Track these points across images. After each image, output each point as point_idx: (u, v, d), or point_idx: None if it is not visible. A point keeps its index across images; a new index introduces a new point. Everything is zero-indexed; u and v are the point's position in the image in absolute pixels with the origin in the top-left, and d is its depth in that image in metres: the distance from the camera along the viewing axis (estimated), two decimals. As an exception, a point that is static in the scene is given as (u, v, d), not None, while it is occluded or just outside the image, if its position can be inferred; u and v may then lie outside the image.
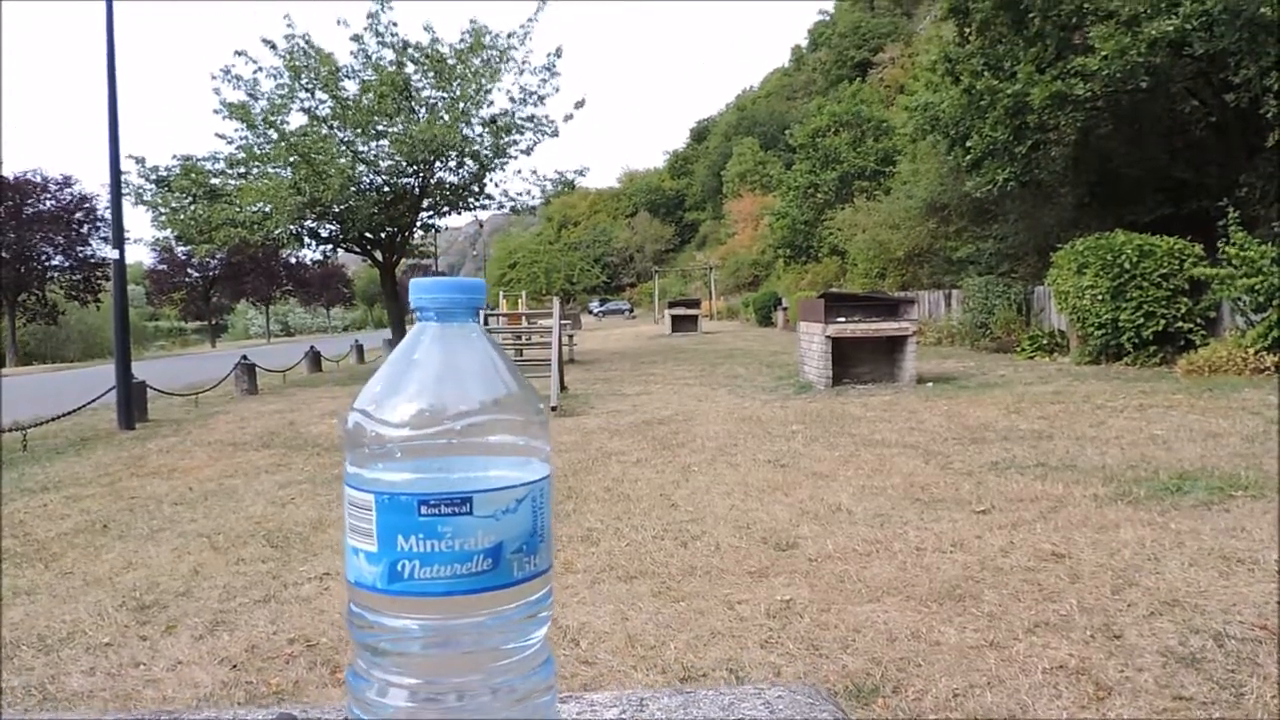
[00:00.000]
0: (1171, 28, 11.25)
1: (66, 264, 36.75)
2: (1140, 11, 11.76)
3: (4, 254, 33.69)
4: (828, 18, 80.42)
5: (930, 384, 10.39)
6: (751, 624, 3.15)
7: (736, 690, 0.91)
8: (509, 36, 17.49)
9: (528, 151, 18.43)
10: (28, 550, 4.79)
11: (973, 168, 15.82)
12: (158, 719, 0.88)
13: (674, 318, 28.54)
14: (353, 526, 0.45)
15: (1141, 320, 11.22)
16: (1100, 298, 11.51)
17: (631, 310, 63.07)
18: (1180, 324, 11.18)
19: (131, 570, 4.31)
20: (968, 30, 15.54)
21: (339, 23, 16.92)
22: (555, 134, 18.29)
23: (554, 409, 9.50)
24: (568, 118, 18.30)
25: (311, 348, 19.84)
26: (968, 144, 15.27)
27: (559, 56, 17.85)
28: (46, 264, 36.23)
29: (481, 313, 0.50)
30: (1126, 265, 11.29)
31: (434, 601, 0.43)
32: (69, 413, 10.17)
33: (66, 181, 35.74)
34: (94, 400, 10.60)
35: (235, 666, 3.06)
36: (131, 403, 10.17)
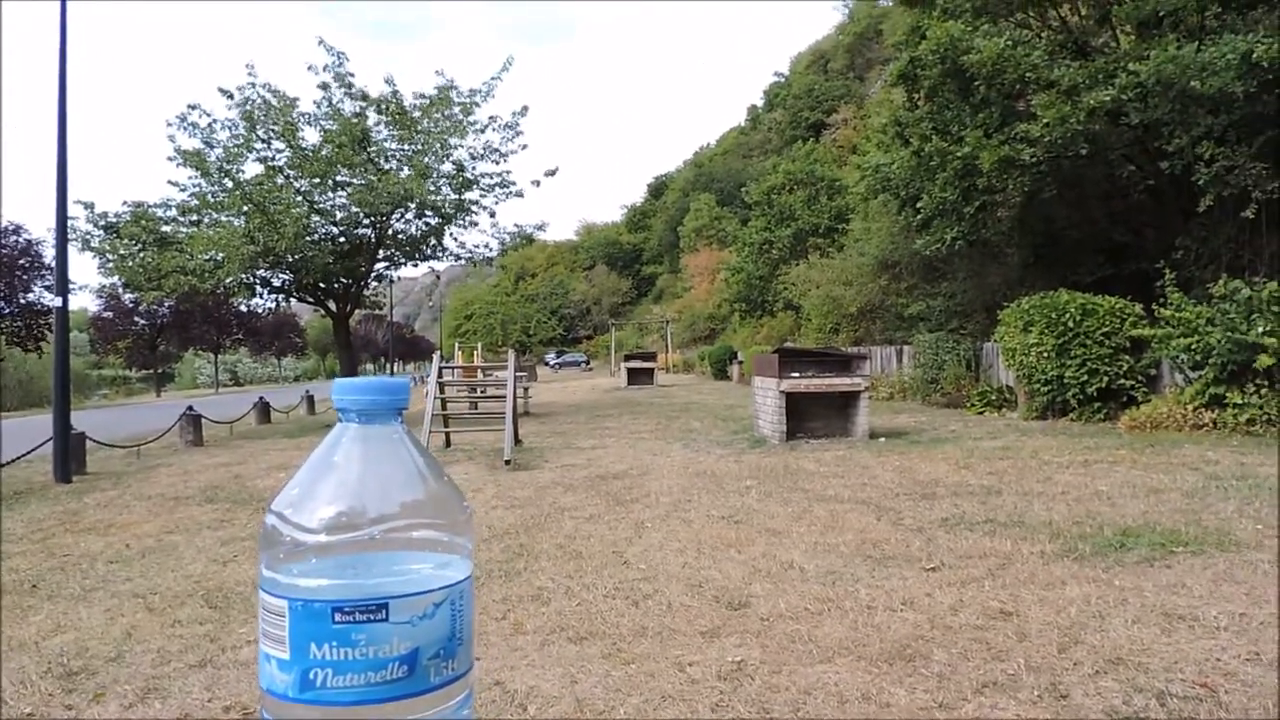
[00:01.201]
0: (1109, 97, 11.74)
1: (7, 310, 35.79)
2: (1079, 82, 12.26)
3: (-57, 300, 32.74)
4: (783, 79, 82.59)
5: (883, 439, 10.50)
6: (703, 686, 3.11)
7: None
8: (472, 94, 17.67)
9: (492, 214, 18.58)
10: (-49, 612, 4.57)
11: (922, 227, 16.21)
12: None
13: (630, 370, 28.58)
14: (266, 632, 0.44)
15: (1086, 377, 11.50)
16: (1046, 355, 11.79)
17: (588, 362, 63.04)
18: (1122, 381, 11.48)
19: (60, 633, 4.14)
20: (917, 96, 16.06)
21: (309, 68, 16.99)
22: (520, 195, 18.47)
23: (507, 463, 9.41)
24: (535, 183, 18.50)
25: (261, 398, 19.49)
26: (918, 204, 15.67)
27: (524, 115, 18.07)
28: (-13, 310, 35.24)
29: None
30: (1070, 324, 11.60)
31: (345, 710, 0.42)
32: (2, 464, 9.82)
33: (15, 230, 34.99)
34: (30, 451, 10.27)
35: (167, 737, 2.93)
36: (69, 454, 9.87)
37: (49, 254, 33.26)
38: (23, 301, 35.64)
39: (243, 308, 43.04)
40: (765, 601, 4.09)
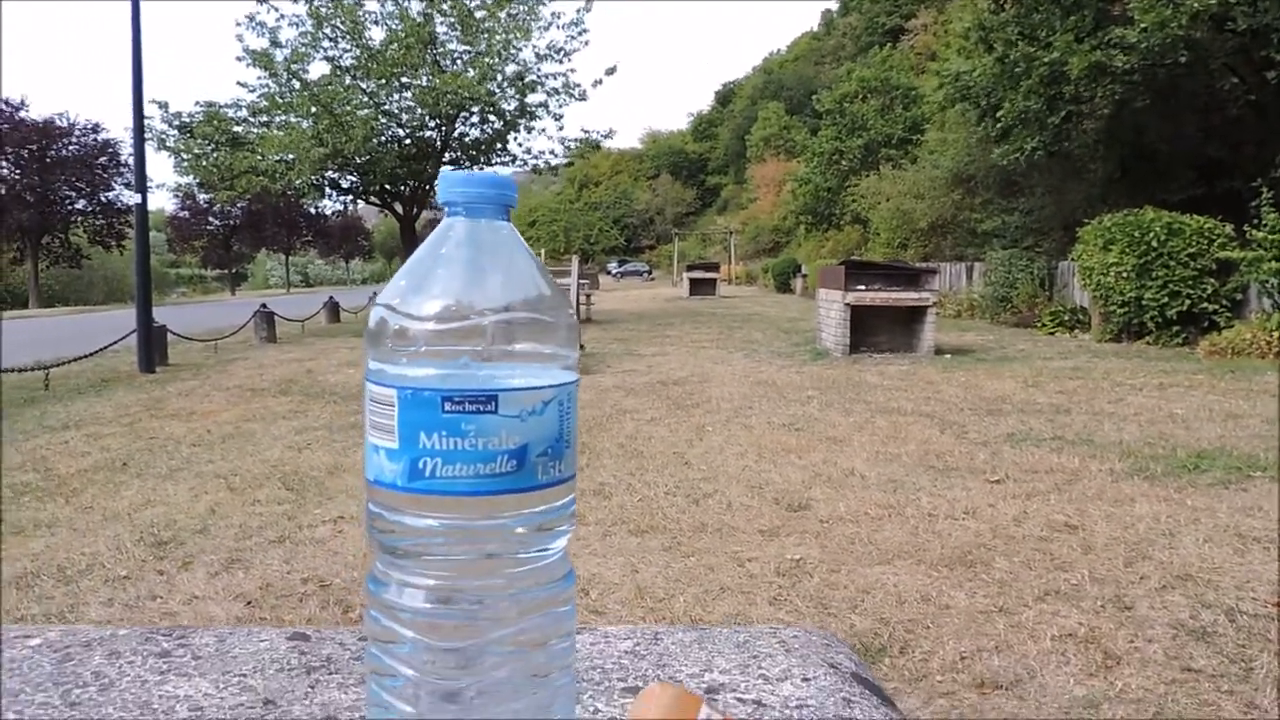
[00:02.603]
0: (1215, 1, 10.96)
1: (89, 209, 36.92)
2: (1183, -18, 11.45)
3: (27, 196, 33.85)
4: (860, -19, 78.90)
5: (948, 355, 10.33)
6: (761, 580, 3.16)
7: (751, 630, 0.91)
8: None
9: (557, 117, 18.28)
10: (49, 485, 4.85)
11: (1001, 137, 15.56)
12: (170, 635, 0.88)
13: (692, 281, 28.42)
14: (373, 423, 0.44)
15: (1166, 299, 11.07)
16: (1125, 275, 11.36)
17: (650, 272, 62.84)
18: (1205, 305, 11.03)
19: (150, 507, 4.37)
20: (1004, -2, 15.21)
21: None
22: (583, 98, 18.13)
23: (570, 367, 9.50)
24: (597, 83, 18.08)
25: (330, 298, 19.90)
26: (998, 113, 15.01)
27: (589, 9, 17.62)
28: (70, 208, 36.40)
29: (512, 210, 0.48)
30: (1154, 243, 11.12)
31: (456, 501, 0.43)
32: (90, 354, 10.26)
33: (94, 128, 35.78)
34: (115, 343, 10.69)
35: (250, 603, 3.10)
36: (152, 346, 10.26)
37: (125, 152, 34.05)
38: (103, 200, 36.71)
39: (312, 210, 43.76)
40: (825, 505, 4.11)
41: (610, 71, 17.92)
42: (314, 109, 16.27)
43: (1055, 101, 13.77)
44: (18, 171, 34.11)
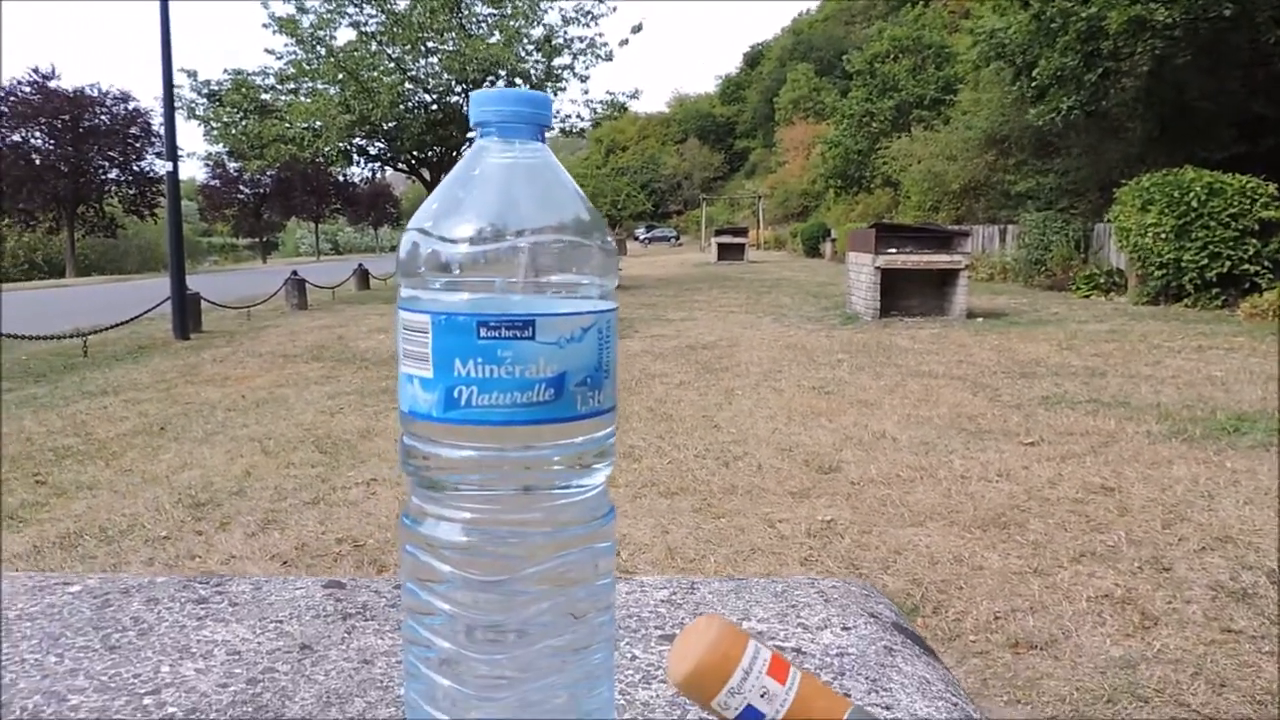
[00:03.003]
0: (1262, -52, 10.58)
1: (123, 178, 37.28)
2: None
3: (62, 166, 34.23)
4: (892, -63, 77.07)
5: (980, 319, 10.20)
6: (792, 542, 3.15)
7: (789, 580, 0.89)
8: None
9: (583, 78, 18.10)
10: (90, 448, 4.94)
11: (1037, 97, 15.21)
12: (207, 583, 0.89)
13: (720, 246, 28.22)
14: (407, 352, 0.43)
15: (1206, 261, 10.83)
16: (1164, 236, 11.11)
17: (678, 238, 62.51)
18: (1246, 266, 10.77)
19: (187, 470, 4.44)
20: (1041, -49, 14.76)
21: None
22: (610, 58, 17.93)
23: (598, 332, 9.50)
24: (623, 42, 17.85)
25: (360, 265, 20.00)
26: (1034, 72, 14.65)
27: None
28: (103, 177, 36.77)
29: (546, 131, 0.46)
30: (1194, 203, 10.86)
31: (492, 431, 0.41)
32: (126, 321, 10.41)
33: (125, 97, 36.01)
34: (150, 310, 10.83)
35: (286, 562, 3.15)
36: (186, 313, 10.39)
37: (156, 121, 34.28)
38: (136, 169, 37.05)
39: (340, 177, 43.93)
40: (856, 467, 4.08)
41: (636, 29, 17.64)
42: (340, 75, 16.26)
43: (1093, 59, 13.41)
44: (51, 141, 34.47)
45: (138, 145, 36.47)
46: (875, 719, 0.40)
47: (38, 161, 33.90)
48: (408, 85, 17.19)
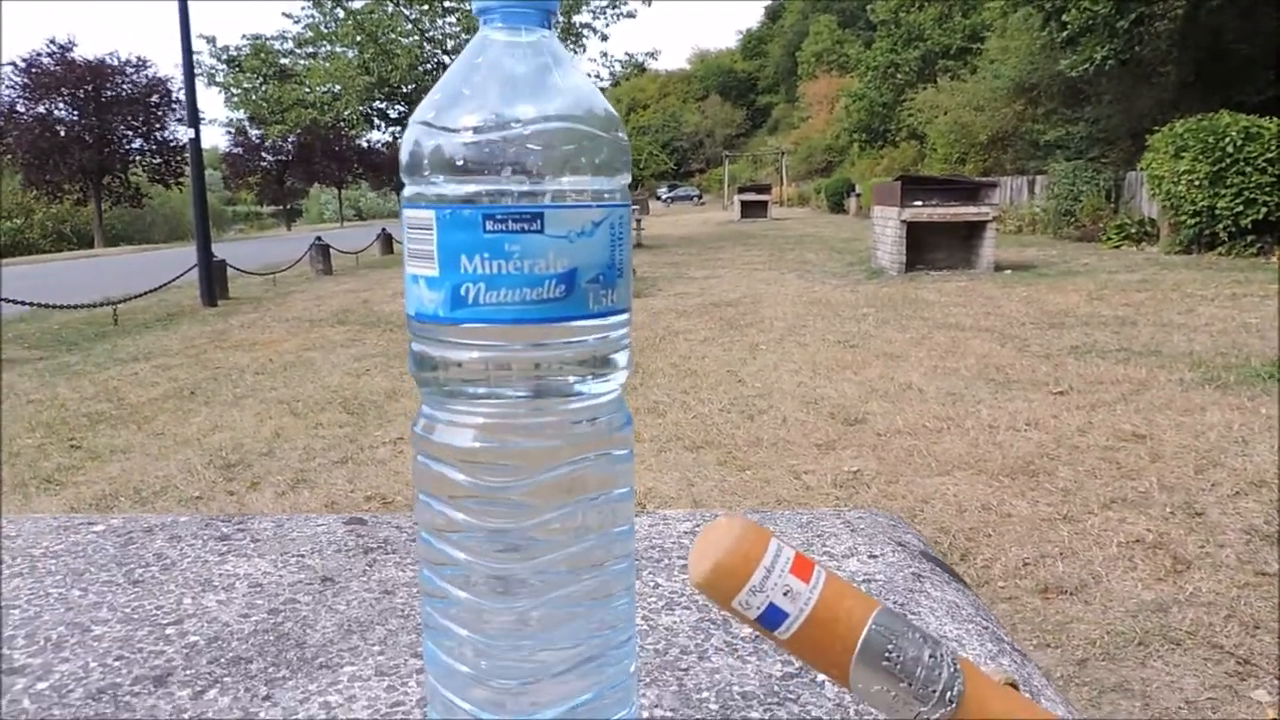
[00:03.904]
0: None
1: (146, 147, 37.45)
2: None
3: (86, 137, 34.43)
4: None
5: (1009, 271, 10.05)
6: (818, 493, 3.14)
7: (814, 511, 0.88)
8: None
9: (604, 38, 17.93)
10: (122, 413, 5.02)
11: (1068, 44, 14.83)
12: (228, 521, 0.89)
13: (743, 204, 27.94)
14: (412, 251, 0.41)
15: (1241, 208, 10.58)
16: (1197, 183, 10.86)
17: (700, 196, 61.98)
18: (1283, 211, 10.51)
19: (218, 432, 4.49)
20: (1071, -112, 14.30)
21: None
22: (632, 15, 17.71)
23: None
24: (648, 1, 17.62)
25: (383, 230, 20.01)
26: (1064, 18, 14.27)
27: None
28: (127, 147, 36.95)
29: (554, 19, 0.43)
30: (1229, 149, 10.58)
31: (501, 330, 0.40)
32: (155, 289, 10.52)
33: (142, 63, 36.03)
34: (178, 278, 10.92)
35: (316, 519, 3.18)
36: (213, 280, 10.47)
37: (176, 88, 34.33)
38: (159, 139, 37.19)
39: (362, 143, 43.85)
40: (882, 419, 4.05)
41: None
42: (359, 38, 16.17)
43: (1125, 4, 13.03)
44: (75, 113, 34.64)
45: (159, 113, 36.57)
46: (904, 619, 0.38)
47: (62, 133, 34.10)
48: (426, 46, 17.07)
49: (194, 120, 10.70)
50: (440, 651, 0.45)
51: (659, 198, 60.91)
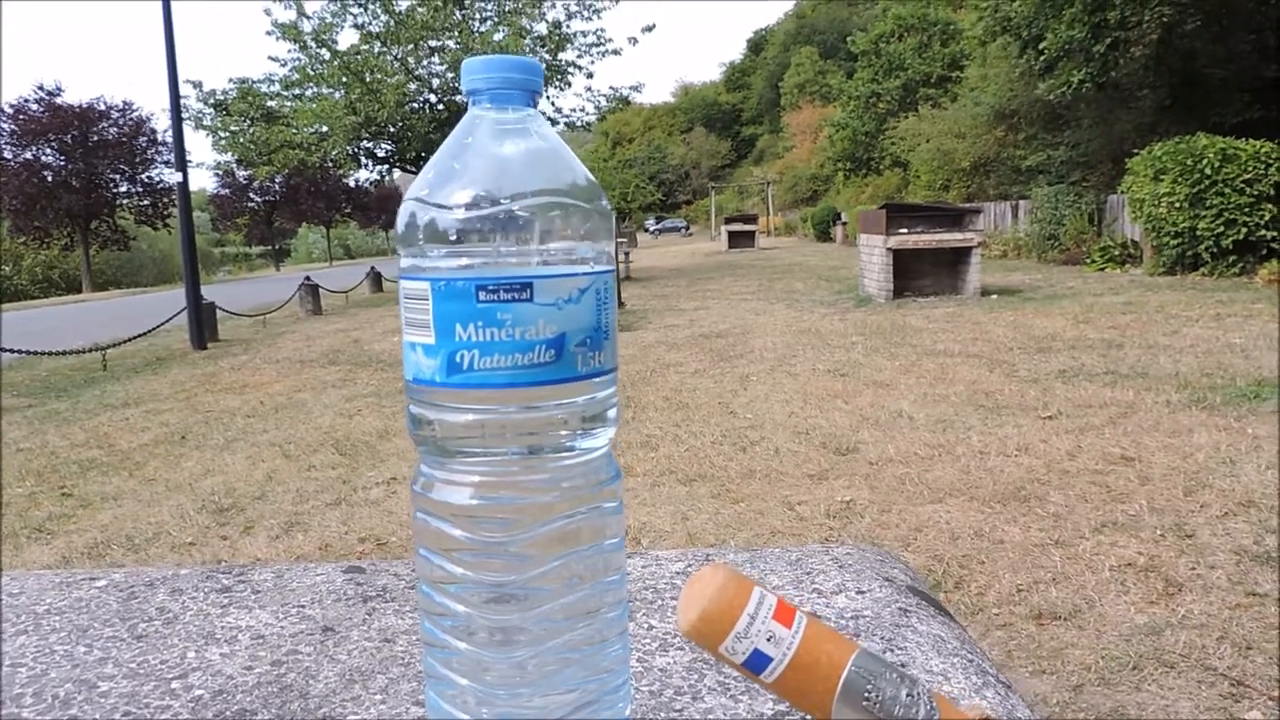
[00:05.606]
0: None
1: (133, 190, 37.50)
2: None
3: (74, 182, 34.48)
4: (892, -84, 76.37)
5: (995, 296, 10.14)
6: (811, 523, 3.16)
7: (803, 549, 0.90)
8: None
9: (589, 75, 18.12)
10: (113, 460, 5.00)
11: (1046, 70, 15.08)
12: (229, 572, 0.90)
13: (731, 234, 28.16)
14: (409, 320, 0.43)
15: (1221, 228, 10.72)
16: (1178, 205, 11.00)
17: (688, 228, 62.34)
18: (1263, 232, 10.64)
19: (210, 477, 4.48)
20: (1043, -79, 14.62)
21: None
22: (617, 52, 17.92)
23: (611, 324, 9.51)
24: (633, 40, 17.85)
25: (372, 268, 20.08)
26: (1041, 45, 14.53)
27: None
28: (114, 190, 36.99)
29: (538, 98, 0.46)
30: (1207, 170, 10.74)
31: (495, 393, 0.42)
32: (143, 334, 10.51)
33: (127, 106, 36.17)
34: (167, 321, 10.92)
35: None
36: (202, 323, 10.46)
37: (163, 128, 34.46)
38: (145, 180, 37.25)
39: (350, 182, 44.04)
40: (874, 447, 4.08)
41: (648, 29, 17.66)
42: (345, 78, 16.30)
43: (1100, 29, 13.28)
44: (62, 158, 34.71)
45: (146, 155, 36.65)
46: (882, 659, 0.40)
47: (50, 179, 34.15)
48: (413, 85, 17.21)
49: (181, 165, 10.75)
50: (442, 700, 0.46)
51: (647, 230, 61.23)
